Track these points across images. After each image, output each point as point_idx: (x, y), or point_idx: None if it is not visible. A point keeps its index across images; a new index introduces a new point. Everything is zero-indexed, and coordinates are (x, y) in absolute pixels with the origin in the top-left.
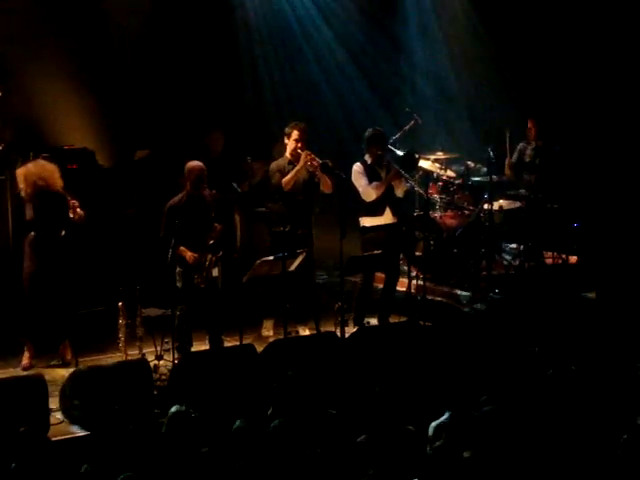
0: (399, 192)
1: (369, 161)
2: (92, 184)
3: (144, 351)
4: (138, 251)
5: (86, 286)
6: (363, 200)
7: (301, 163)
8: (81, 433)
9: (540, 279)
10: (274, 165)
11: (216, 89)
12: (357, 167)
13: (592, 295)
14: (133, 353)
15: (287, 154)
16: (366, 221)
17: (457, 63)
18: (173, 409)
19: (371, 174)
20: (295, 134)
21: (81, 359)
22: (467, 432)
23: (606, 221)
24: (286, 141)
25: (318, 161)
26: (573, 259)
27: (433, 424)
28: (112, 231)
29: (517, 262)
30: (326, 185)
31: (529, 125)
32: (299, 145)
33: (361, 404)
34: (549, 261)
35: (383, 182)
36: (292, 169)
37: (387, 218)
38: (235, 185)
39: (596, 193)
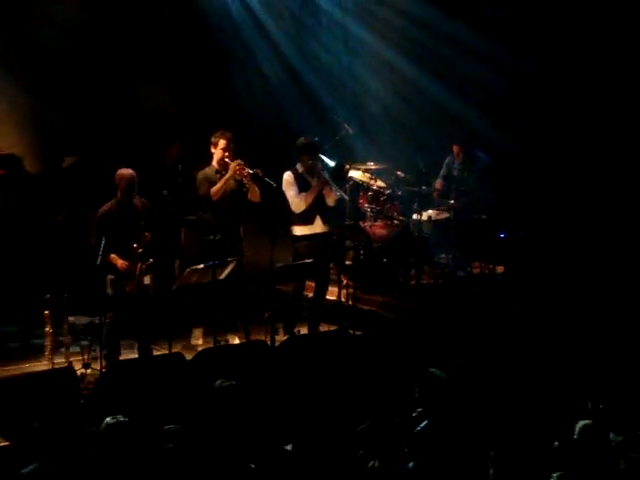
0: (330, 201)
1: (300, 170)
2: (19, 191)
3: (71, 359)
4: (66, 258)
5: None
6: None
7: (230, 172)
8: (3, 443)
9: (468, 288)
10: (201, 174)
11: (149, 92)
12: (287, 176)
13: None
14: (60, 361)
15: (214, 163)
16: (297, 230)
17: (389, 76)
18: (109, 420)
19: (302, 183)
20: (222, 143)
21: (6, 367)
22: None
23: (533, 232)
24: (212, 150)
25: (249, 171)
26: (500, 269)
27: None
28: (39, 238)
29: (445, 272)
30: (254, 194)
31: (455, 150)
32: (226, 154)
33: (291, 412)
34: (477, 271)
35: (311, 192)
36: (220, 178)
37: (318, 227)
38: (165, 192)
39: (523, 204)
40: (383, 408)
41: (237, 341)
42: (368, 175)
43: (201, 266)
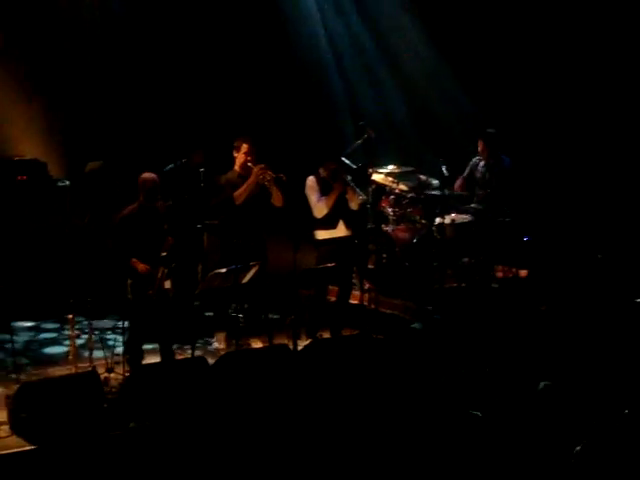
0: (353, 205)
1: (323, 174)
2: (43, 196)
3: (94, 364)
4: (90, 263)
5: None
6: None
7: (253, 177)
8: (28, 447)
9: (491, 293)
10: (224, 179)
11: (171, 99)
12: (310, 181)
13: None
14: (83, 366)
15: (236, 167)
16: (320, 234)
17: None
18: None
19: (324, 188)
20: (245, 147)
21: (31, 371)
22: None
23: (556, 235)
24: (235, 154)
25: (272, 174)
26: (523, 273)
27: None
28: (63, 243)
29: (468, 275)
30: (277, 199)
31: (479, 146)
32: (249, 158)
33: (316, 415)
34: (500, 275)
35: (331, 195)
36: (242, 182)
37: (341, 231)
38: (187, 197)
39: (546, 207)
40: (407, 412)
41: (260, 345)
42: (390, 178)
43: (224, 270)
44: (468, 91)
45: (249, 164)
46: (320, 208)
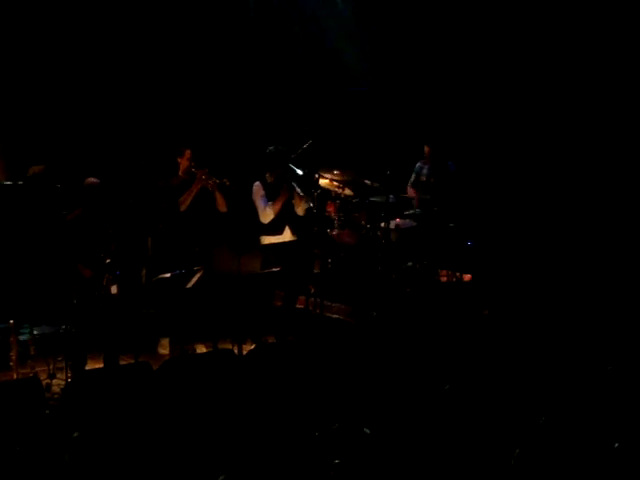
0: (299, 210)
1: (269, 180)
2: None
3: (36, 369)
4: (32, 267)
5: None
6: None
7: (196, 182)
8: None
9: (435, 297)
10: (166, 184)
11: (116, 100)
12: (256, 186)
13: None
14: (25, 371)
15: (180, 173)
16: (266, 240)
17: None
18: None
19: (271, 193)
20: (188, 153)
21: None
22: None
23: (499, 239)
24: (178, 159)
25: (215, 180)
26: (467, 277)
27: None
28: (4, 247)
29: (412, 280)
30: (221, 204)
31: (426, 150)
32: (192, 164)
33: (259, 420)
34: (444, 279)
35: (278, 201)
36: (185, 188)
37: (287, 236)
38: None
39: (489, 212)
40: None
41: (204, 350)
42: (335, 183)
43: (168, 275)
44: (413, 96)
45: (192, 169)
46: (267, 214)
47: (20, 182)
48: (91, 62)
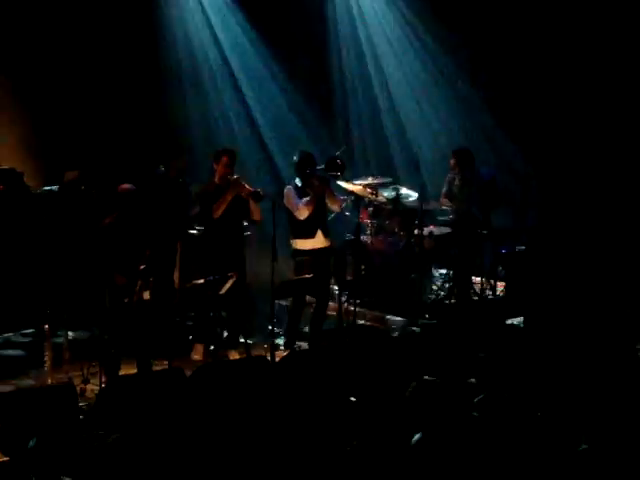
0: (335, 207)
1: (300, 183)
2: (20, 205)
3: (71, 374)
4: (66, 273)
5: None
6: (295, 222)
7: (231, 191)
8: (3, 459)
9: (469, 305)
10: (202, 190)
11: (147, 108)
12: (288, 190)
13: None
14: (60, 376)
15: (216, 179)
16: (298, 244)
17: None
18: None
19: (302, 195)
20: (224, 160)
21: (7, 382)
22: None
23: (535, 247)
24: (215, 166)
25: (249, 189)
26: (501, 284)
27: None
28: (39, 253)
29: (446, 287)
30: (255, 213)
31: (452, 162)
32: (228, 170)
33: (294, 427)
34: (477, 286)
35: (312, 196)
36: (220, 194)
37: (318, 241)
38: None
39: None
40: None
41: (237, 357)
42: (369, 190)
43: (201, 281)
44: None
45: (228, 177)
46: (301, 210)
47: (55, 188)
48: (126, 68)
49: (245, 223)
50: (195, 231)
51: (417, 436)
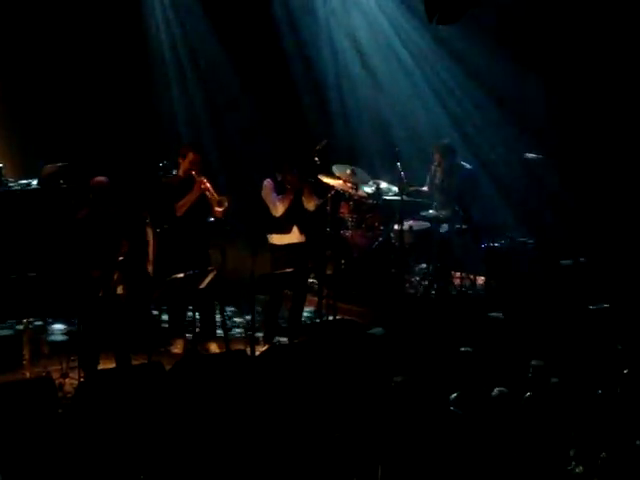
0: (310, 205)
1: (280, 178)
2: None
3: (49, 369)
4: (44, 267)
5: None
6: (271, 217)
7: (194, 192)
8: None
9: (448, 299)
10: (166, 184)
11: (127, 98)
12: (267, 183)
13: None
14: (38, 370)
15: (180, 172)
16: (274, 238)
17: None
18: None
19: (281, 190)
20: (191, 156)
21: None
22: None
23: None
24: (180, 160)
25: (215, 197)
26: (480, 279)
27: None
28: (16, 247)
29: (426, 282)
30: (217, 212)
31: (436, 157)
32: (193, 167)
33: (273, 421)
34: (457, 281)
35: (289, 192)
36: (183, 187)
37: (294, 236)
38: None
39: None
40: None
41: (216, 349)
42: (349, 184)
43: (181, 275)
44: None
45: (192, 173)
46: (277, 205)
47: (34, 182)
48: (101, 60)
49: (211, 219)
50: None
51: None
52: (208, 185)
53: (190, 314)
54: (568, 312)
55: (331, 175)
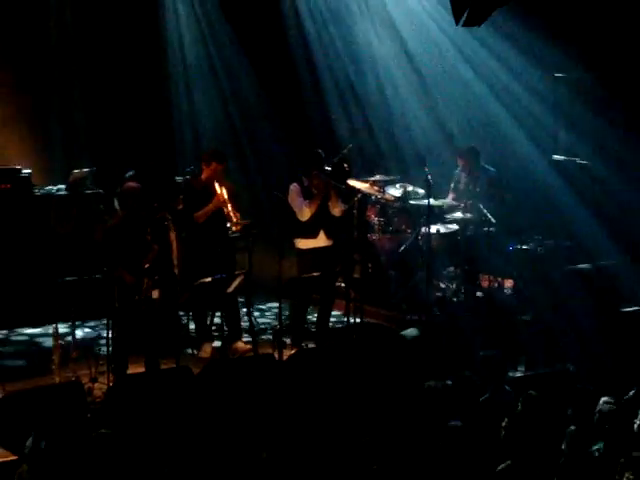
0: (336, 211)
1: (306, 182)
2: (26, 205)
3: (78, 373)
4: (74, 272)
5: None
6: (298, 221)
7: (213, 204)
8: (11, 457)
9: (476, 302)
10: (189, 185)
11: (154, 107)
12: (293, 187)
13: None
14: (67, 375)
15: (203, 177)
16: (300, 243)
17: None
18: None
19: (307, 194)
20: (214, 165)
21: (15, 381)
22: None
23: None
24: (203, 167)
25: (232, 218)
26: (509, 282)
27: None
28: (47, 252)
29: (454, 285)
30: (234, 226)
31: (460, 162)
32: (216, 176)
33: (301, 424)
34: (485, 284)
35: (316, 197)
36: (204, 192)
37: (321, 240)
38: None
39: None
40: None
41: (244, 348)
42: (376, 187)
43: (209, 279)
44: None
45: (215, 182)
46: (303, 210)
47: (62, 187)
48: (124, 65)
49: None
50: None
51: None
52: (228, 204)
53: (217, 320)
54: (599, 315)
55: (357, 178)
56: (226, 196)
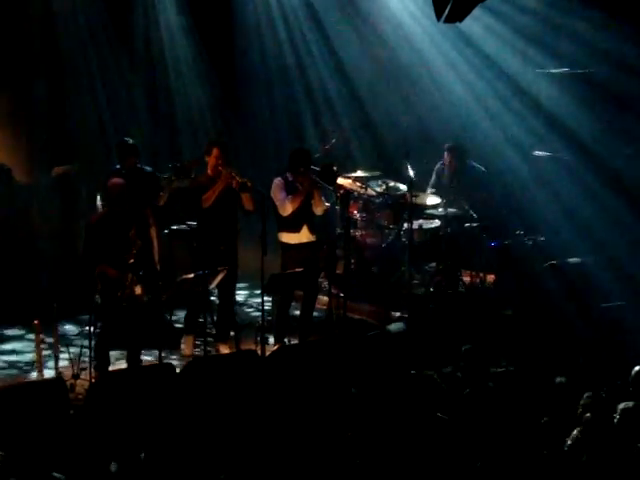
0: (318, 210)
1: (291, 178)
2: (9, 201)
3: (60, 370)
4: (56, 268)
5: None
6: (280, 215)
7: (221, 182)
8: None
9: (458, 297)
10: (195, 182)
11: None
12: (277, 181)
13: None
14: (49, 372)
15: (208, 171)
16: (284, 237)
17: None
18: None
19: (291, 190)
20: (215, 151)
21: None
22: None
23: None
24: (206, 158)
25: (238, 180)
26: (490, 277)
27: None
28: (29, 248)
29: (436, 280)
30: (247, 203)
31: (447, 158)
32: (219, 162)
33: (284, 421)
34: (467, 280)
35: (299, 193)
36: (211, 185)
37: (304, 235)
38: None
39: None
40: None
41: (227, 351)
42: (358, 183)
43: (191, 275)
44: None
45: (219, 168)
46: (286, 205)
47: (44, 182)
48: (111, 64)
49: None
50: (185, 226)
51: None
52: (234, 173)
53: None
54: (580, 310)
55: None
56: (233, 172)
